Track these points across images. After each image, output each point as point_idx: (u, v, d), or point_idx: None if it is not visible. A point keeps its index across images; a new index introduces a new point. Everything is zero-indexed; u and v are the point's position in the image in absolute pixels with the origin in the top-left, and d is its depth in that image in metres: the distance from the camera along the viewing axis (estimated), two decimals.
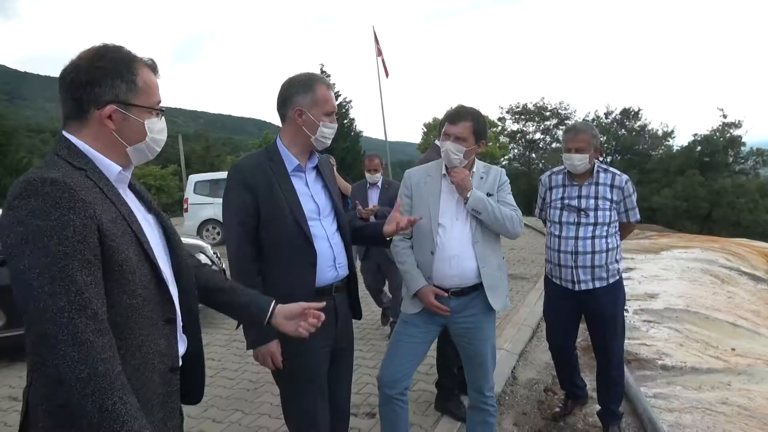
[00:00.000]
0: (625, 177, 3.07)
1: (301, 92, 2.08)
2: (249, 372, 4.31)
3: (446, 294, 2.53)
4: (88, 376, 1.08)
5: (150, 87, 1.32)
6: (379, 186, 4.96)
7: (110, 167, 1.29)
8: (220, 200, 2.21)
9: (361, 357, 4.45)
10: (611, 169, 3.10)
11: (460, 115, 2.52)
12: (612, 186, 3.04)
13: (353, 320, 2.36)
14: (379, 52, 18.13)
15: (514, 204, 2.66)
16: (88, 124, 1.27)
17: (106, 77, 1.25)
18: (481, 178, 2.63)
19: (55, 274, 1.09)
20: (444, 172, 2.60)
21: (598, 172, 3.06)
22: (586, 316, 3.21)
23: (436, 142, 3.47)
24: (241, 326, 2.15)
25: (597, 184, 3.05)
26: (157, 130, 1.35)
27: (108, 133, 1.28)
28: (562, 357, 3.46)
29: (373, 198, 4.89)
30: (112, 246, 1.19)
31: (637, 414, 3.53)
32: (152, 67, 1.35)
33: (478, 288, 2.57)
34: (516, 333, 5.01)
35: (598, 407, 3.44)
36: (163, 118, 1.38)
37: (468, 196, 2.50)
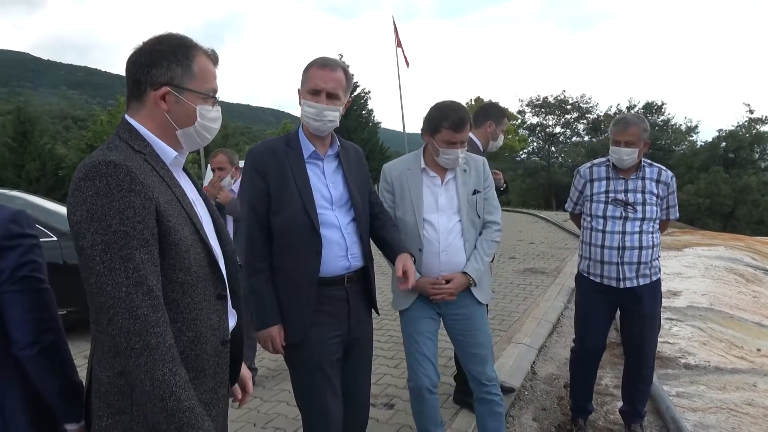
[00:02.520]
0: (670, 173, 2.95)
1: (301, 76, 2.08)
2: (267, 359, 4.33)
3: (444, 282, 2.49)
4: (141, 348, 1.16)
5: (205, 74, 1.37)
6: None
7: (167, 151, 1.36)
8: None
9: (379, 348, 4.44)
10: (656, 164, 2.99)
11: (464, 121, 2.43)
12: (658, 181, 2.92)
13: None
14: (399, 43, 18.02)
15: (498, 204, 2.69)
16: (145, 105, 1.33)
17: (163, 59, 1.31)
18: (465, 170, 2.58)
19: (115, 251, 1.16)
20: (423, 165, 2.56)
21: (644, 166, 2.94)
22: (625, 314, 3.06)
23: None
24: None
25: (643, 178, 2.92)
26: (209, 117, 1.40)
27: (161, 115, 1.34)
28: (589, 361, 3.20)
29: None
30: (169, 226, 1.25)
31: (659, 413, 3.47)
32: (211, 56, 1.41)
33: None
34: (536, 328, 4.96)
35: (619, 404, 3.38)
36: (218, 107, 1.43)
37: (473, 282, 2.52)
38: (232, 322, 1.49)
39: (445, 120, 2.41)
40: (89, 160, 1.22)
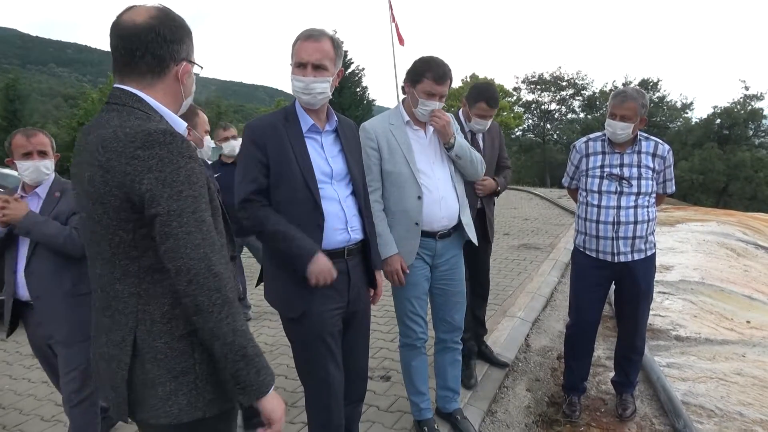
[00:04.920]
0: (667, 146, 2.94)
1: (291, 50, 2.07)
2: (264, 335, 4.38)
3: (407, 271, 2.56)
4: (222, 303, 1.24)
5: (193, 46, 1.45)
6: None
7: (179, 123, 1.40)
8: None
9: (375, 322, 4.48)
10: (653, 137, 2.97)
11: (447, 75, 2.48)
12: (654, 155, 2.90)
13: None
14: (393, 19, 17.79)
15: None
16: (164, 80, 1.37)
17: (184, 36, 1.38)
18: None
19: (190, 215, 1.23)
20: (408, 119, 2.60)
21: (640, 140, 2.92)
22: (619, 288, 3.08)
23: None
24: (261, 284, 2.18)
25: (639, 152, 2.90)
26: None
27: (178, 88, 1.40)
28: (584, 336, 3.21)
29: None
30: (210, 191, 1.34)
31: (650, 382, 3.55)
32: None
33: (454, 229, 2.70)
34: (530, 302, 5.03)
35: (611, 375, 3.46)
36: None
37: (452, 141, 2.57)
38: None
39: (429, 71, 2.47)
40: (137, 129, 1.24)
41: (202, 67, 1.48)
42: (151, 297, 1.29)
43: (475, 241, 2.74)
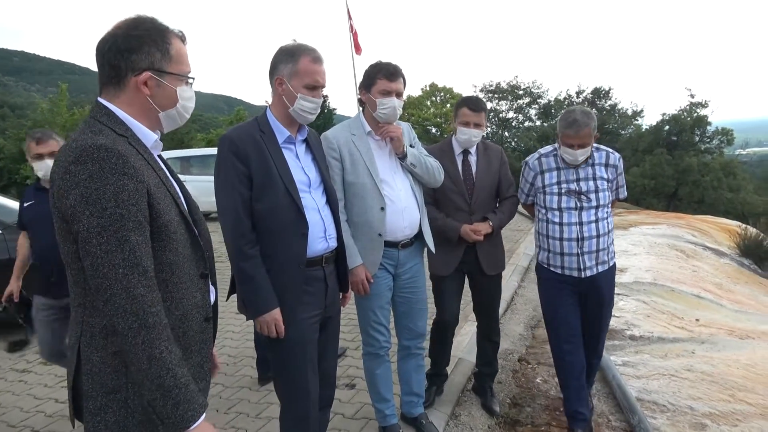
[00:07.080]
0: (617, 155, 2.98)
1: (284, 61, 2.05)
2: (228, 347, 4.32)
3: (372, 281, 2.59)
4: (138, 327, 1.20)
5: (181, 56, 1.40)
6: None
7: (147, 135, 1.38)
8: (192, 177, 2.20)
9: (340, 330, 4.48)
10: (602, 147, 2.99)
11: (398, 72, 2.54)
12: (607, 164, 2.92)
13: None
14: (352, 28, 17.84)
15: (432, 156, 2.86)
16: (125, 90, 1.35)
17: (142, 45, 1.33)
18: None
19: (111, 234, 1.20)
20: (369, 129, 2.62)
21: (591, 152, 2.91)
22: (586, 300, 3.05)
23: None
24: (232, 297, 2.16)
25: (593, 164, 2.91)
26: (186, 97, 1.44)
27: (143, 99, 1.36)
28: (576, 352, 3.00)
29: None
30: (158, 209, 1.30)
31: (606, 381, 3.67)
32: (182, 38, 1.43)
33: (416, 237, 2.74)
34: None
35: None
36: (192, 86, 1.46)
37: (405, 151, 2.61)
38: (212, 297, 1.54)
39: (380, 71, 2.53)
40: (76, 144, 1.23)
41: (192, 78, 1.44)
42: (94, 309, 1.27)
43: (432, 248, 2.78)
